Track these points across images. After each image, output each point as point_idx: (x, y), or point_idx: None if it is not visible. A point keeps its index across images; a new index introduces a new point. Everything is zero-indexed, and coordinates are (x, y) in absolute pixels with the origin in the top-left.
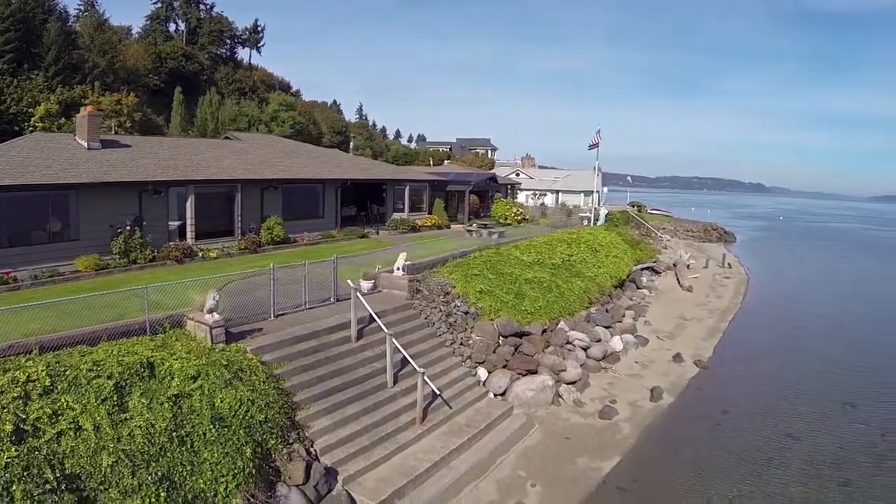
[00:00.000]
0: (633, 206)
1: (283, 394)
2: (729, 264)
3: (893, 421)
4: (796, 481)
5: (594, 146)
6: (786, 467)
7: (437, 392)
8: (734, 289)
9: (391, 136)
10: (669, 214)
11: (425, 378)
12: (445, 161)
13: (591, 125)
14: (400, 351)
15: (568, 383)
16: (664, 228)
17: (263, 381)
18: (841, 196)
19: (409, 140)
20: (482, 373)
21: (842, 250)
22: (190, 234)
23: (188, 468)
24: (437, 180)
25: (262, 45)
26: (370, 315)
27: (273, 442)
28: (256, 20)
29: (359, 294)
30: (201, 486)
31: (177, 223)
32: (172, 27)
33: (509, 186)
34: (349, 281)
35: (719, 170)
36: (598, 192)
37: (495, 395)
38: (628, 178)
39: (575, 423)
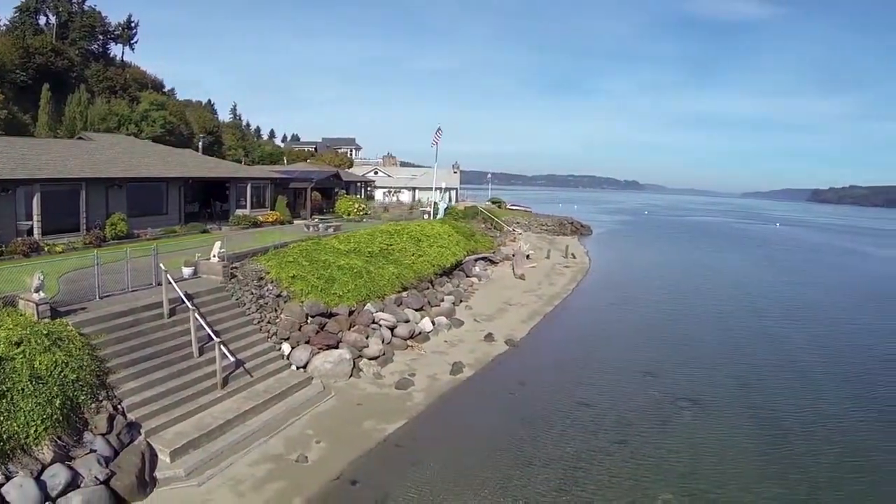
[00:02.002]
0: (493, 203)
1: (96, 360)
2: (573, 255)
3: (688, 389)
4: (573, 441)
5: (435, 144)
6: (567, 430)
7: (240, 362)
8: (570, 277)
9: (266, 136)
10: (529, 210)
11: (222, 347)
12: (308, 160)
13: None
14: (204, 327)
15: (370, 358)
16: (518, 223)
17: (79, 349)
18: (715, 193)
19: (283, 140)
20: (286, 348)
21: (694, 241)
22: (37, 229)
23: (5, 415)
24: (280, 178)
25: (136, 42)
26: (182, 296)
27: (83, 398)
28: (130, 16)
29: (170, 278)
30: (15, 428)
31: (25, 220)
32: (43, 20)
33: (360, 184)
34: (161, 265)
35: (596, 168)
36: (437, 189)
37: (297, 368)
38: (488, 175)
39: (370, 393)
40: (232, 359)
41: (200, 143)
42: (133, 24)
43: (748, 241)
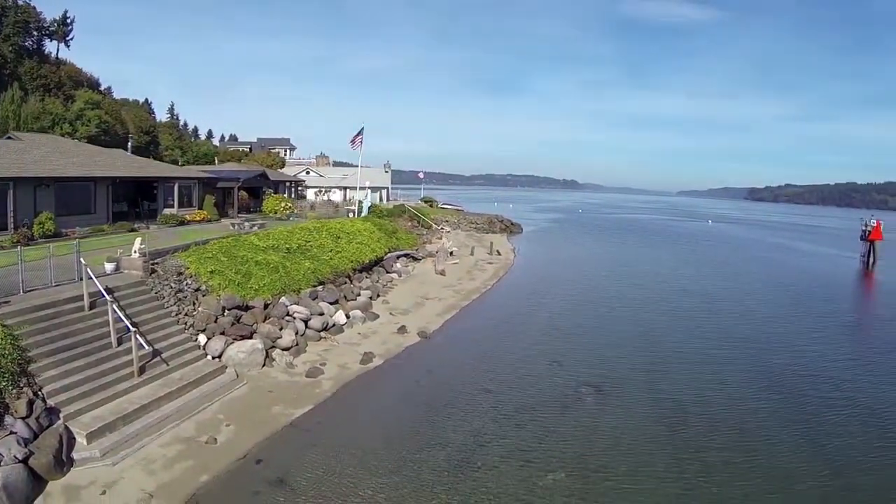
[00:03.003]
0: (426, 202)
1: (18, 349)
2: (497, 252)
3: (592, 377)
4: (473, 425)
5: (355, 144)
6: (468, 415)
7: (157, 351)
8: (492, 273)
9: (203, 136)
10: (460, 209)
11: (139, 337)
12: (241, 160)
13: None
14: (122, 318)
15: (283, 349)
16: (447, 221)
17: (1, 339)
18: (652, 191)
19: (221, 140)
20: (202, 339)
21: (622, 238)
22: None
23: None
24: (208, 178)
25: (72, 39)
26: (101, 289)
27: (4, 384)
28: (66, 11)
29: (90, 272)
30: None
31: None
32: None
33: (290, 184)
34: (82, 260)
35: (535, 168)
36: (361, 188)
37: (212, 357)
38: (420, 174)
39: (281, 381)
40: (149, 348)
41: (130, 143)
42: (69, 20)
43: (676, 237)
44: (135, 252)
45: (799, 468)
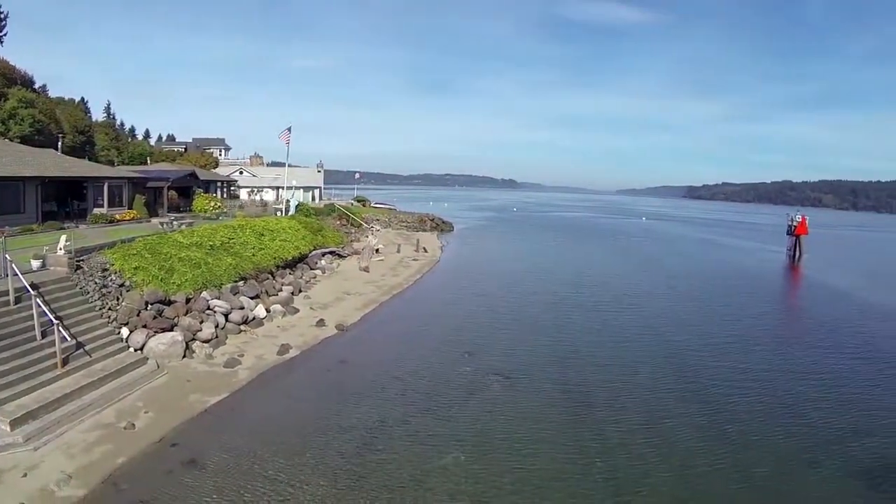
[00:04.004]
0: (359, 201)
1: None
2: (424, 249)
3: (502, 366)
4: (379, 411)
5: (286, 140)
6: (376, 401)
7: (80, 344)
8: (416, 269)
9: (140, 136)
10: (393, 208)
11: (61, 329)
12: (176, 160)
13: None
14: (46, 312)
15: (203, 341)
16: (378, 220)
17: None
18: (590, 190)
19: (158, 140)
20: (125, 331)
21: (553, 235)
22: None
23: None
24: (138, 178)
25: (5, 35)
26: (26, 284)
27: None
28: None
29: (16, 268)
30: None
31: None
32: None
33: (222, 183)
34: (7, 256)
35: (474, 167)
36: (289, 187)
37: (134, 349)
38: (356, 174)
39: (200, 371)
40: (72, 341)
41: (60, 143)
42: (2, 16)
43: (607, 234)
44: (60, 249)
45: (698, 448)
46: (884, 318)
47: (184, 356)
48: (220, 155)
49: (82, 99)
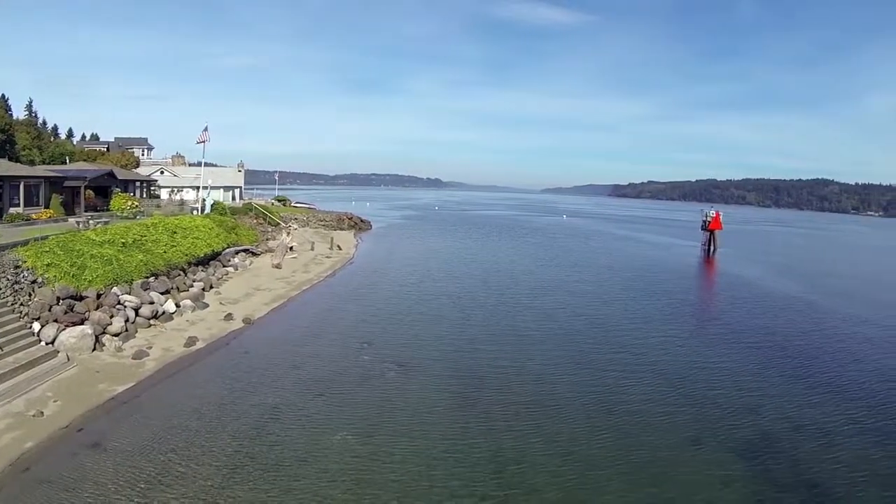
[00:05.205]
0: (279, 200)
1: None
2: (339, 247)
3: (400, 355)
4: (276, 396)
5: (202, 141)
6: (274, 388)
7: None
8: (328, 266)
9: (63, 135)
10: (312, 207)
11: None
12: (97, 159)
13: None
14: None
15: (113, 335)
16: (296, 219)
17: None
18: (516, 189)
19: (83, 139)
20: (37, 326)
21: (471, 233)
22: None
23: None
24: (55, 177)
25: None
26: None
27: None
28: None
29: None
30: None
31: None
32: None
33: (141, 183)
34: None
35: (399, 167)
36: (204, 187)
37: (45, 343)
38: (276, 175)
39: (109, 362)
40: None
41: None
42: None
43: (526, 231)
44: None
45: (583, 430)
46: (783, 308)
47: (94, 349)
48: (143, 154)
49: (2, 96)
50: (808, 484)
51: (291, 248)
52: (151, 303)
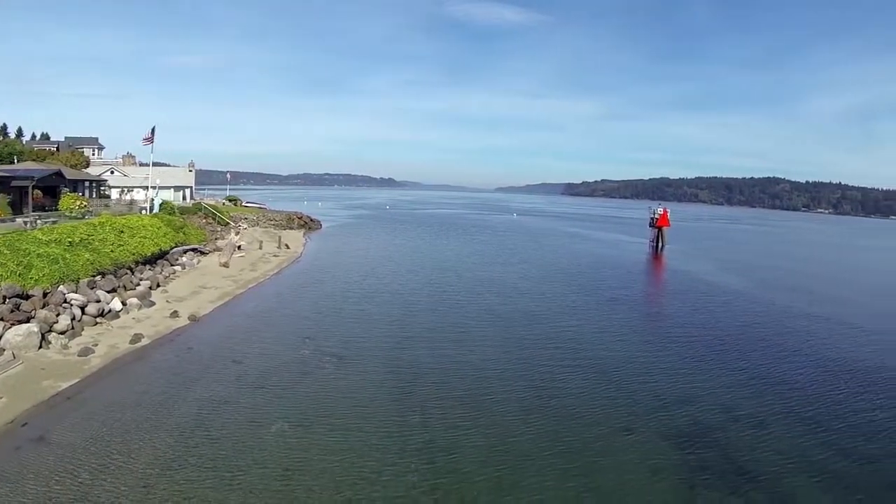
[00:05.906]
0: (230, 200)
1: None
2: (287, 246)
3: (340, 350)
4: (215, 388)
5: (148, 142)
6: (212, 383)
7: None
8: (275, 265)
9: (13, 135)
10: (263, 207)
11: None
12: (46, 159)
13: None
14: None
15: (60, 332)
16: (246, 218)
17: None
18: (469, 188)
19: (32, 138)
20: None
21: (420, 232)
22: None
23: None
24: (2, 176)
25: None
26: None
27: None
28: None
29: None
30: None
31: None
32: None
33: (90, 183)
34: None
35: (353, 166)
36: (153, 186)
37: None
38: (227, 175)
39: (55, 360)
40: None
41: None
42: None
43: (476, 229)
44: None
45: (518, 420)
46: (725, 302)
47: (40, 346)
48: (93, 154)
49: None
50: (739, 471)
51: (239, 248)
52: (98, 301)
